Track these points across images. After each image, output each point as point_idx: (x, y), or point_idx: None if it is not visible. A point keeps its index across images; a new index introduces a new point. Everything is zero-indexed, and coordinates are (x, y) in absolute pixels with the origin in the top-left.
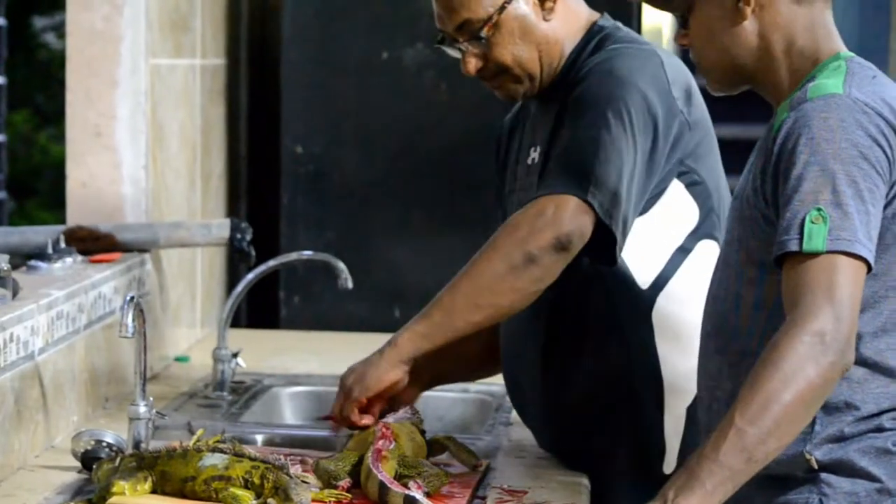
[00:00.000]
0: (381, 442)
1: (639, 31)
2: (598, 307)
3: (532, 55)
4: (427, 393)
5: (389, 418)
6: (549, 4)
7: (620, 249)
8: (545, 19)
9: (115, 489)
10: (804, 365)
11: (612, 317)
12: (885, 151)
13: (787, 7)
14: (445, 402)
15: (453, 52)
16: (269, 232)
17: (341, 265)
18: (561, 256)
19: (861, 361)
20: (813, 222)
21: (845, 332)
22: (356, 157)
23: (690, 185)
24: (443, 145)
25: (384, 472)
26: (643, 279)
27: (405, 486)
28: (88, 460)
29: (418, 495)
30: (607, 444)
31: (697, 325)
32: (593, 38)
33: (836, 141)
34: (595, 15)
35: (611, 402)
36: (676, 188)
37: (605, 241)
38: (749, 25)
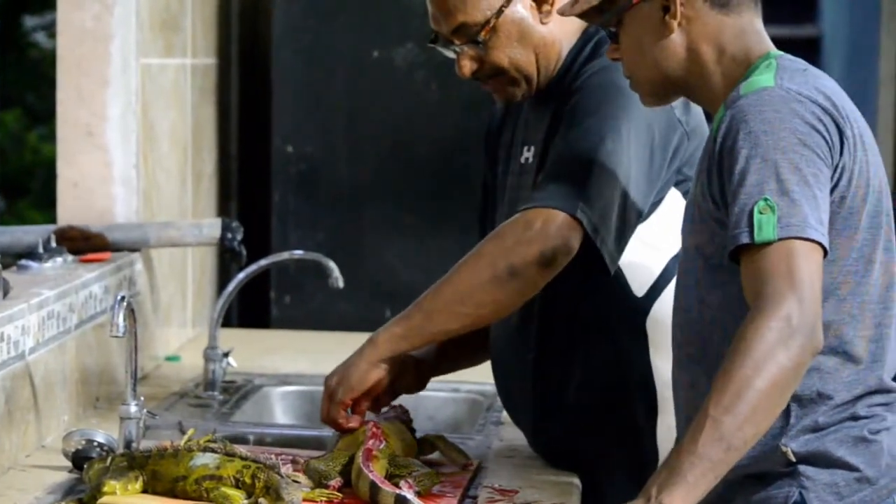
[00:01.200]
0: (371, 442)
1: None
2: (591, 314)
3: (529, 58)
4: (420, 393)
5: (380, 418)
6: (546, 7)
7: (613, 263)
8: (542, 22)
9: (106, 489)
10: (774, 351)
11: (606, 324)
12: (823, 137)
13: (713, 17)
14: (436, 401)
15: (448, 53)
16: (260, 231)
17: (332, 265)
18: (545, 271)
19: (830, 350)
20: (761, 213)
21: (811, 315)
22: (347, 156)
23: (687, 193)
24: (434, 144)
25: (375, 472)
26: (638, 287)
27: (396, 485)
28: (79, 460)
29: (409, 495)
30: (599, 450)
31: None
32: (590, 40)
33: (775, 132)
34: None
35: (603, 409)
36: (674, 197)
37: (598, 254)
38: (677, 38)
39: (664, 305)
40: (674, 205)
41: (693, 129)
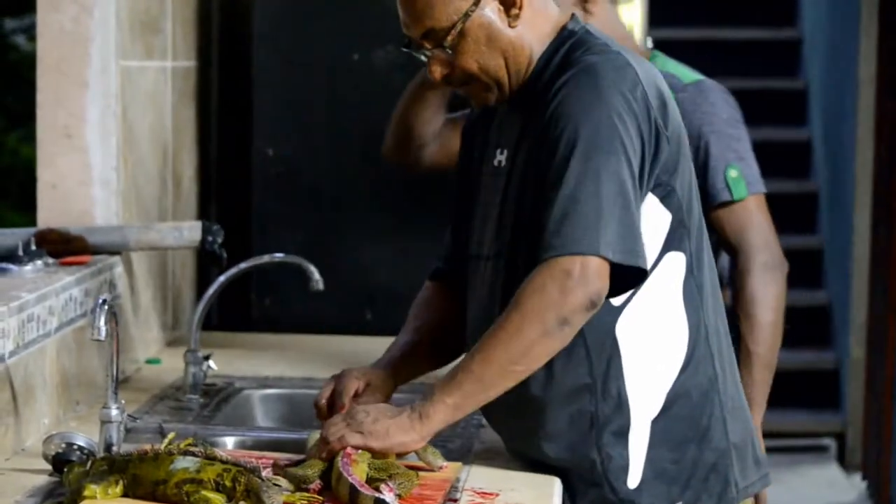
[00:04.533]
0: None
1: None
2: None
3: (498, 62)
4: (398, 395)
5: None
6: (514, 11)
7: (646, 264)
8: (511, 26)
9: (86, 492)
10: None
11: (581, 335)
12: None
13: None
14: None
15: (420, 58)
16: (241, 234)
17: (312, 267)
18: (591, 314)
19: None
20: None
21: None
22: (327, 158)
23: (664, 198)
24: None
25: (355, 476)
26: (617, 297)
27: (376, 489)
28: (59, 463)
29: (388, 498)
30: (569, 455)
31: (660, 339)
32: (564, 43)
33: None
34: (565, 17)
35: (574, 413)
36: (651, 201)
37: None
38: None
39: (634, 311)
40: (651, 210)
41: (671, 132)
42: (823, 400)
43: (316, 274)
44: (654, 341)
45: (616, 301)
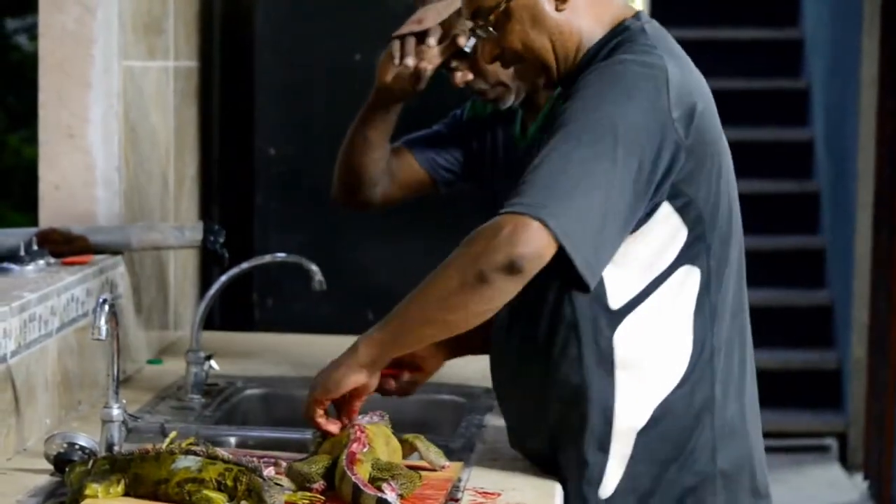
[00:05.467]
0: (355, 445)
1: None
2: (566, 320)
3: (544, 44)
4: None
5: (364, 421)
6: None
7: (591, 273)
8: (557, 9)
9: (87, 492)
10: None
11: (577, 332)
12: None
13: None
14: (418, 404)
15: (473, 41)
16: (242, 234)
17: (314, 267)
18: (514, 278)
19: None
20: None
21: None
22: (329, 158)
23: (682, 209)
24: None
25: (358, 475)
26: (616, 299)
27: (379, 488)
28: (61, 463)
29: (391, 497)
30: (551, 453)
31: (659, 353)
32: (616, 37)
33: None
34: (629, 12)
35: (564, 412)
36: (666, 211)
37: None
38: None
39: (636, 321)
40: (665, 220)
41: (695, 144)
42: (825, 400)
43: (318, 274)
44: (651, 354)
45: (614, 305)
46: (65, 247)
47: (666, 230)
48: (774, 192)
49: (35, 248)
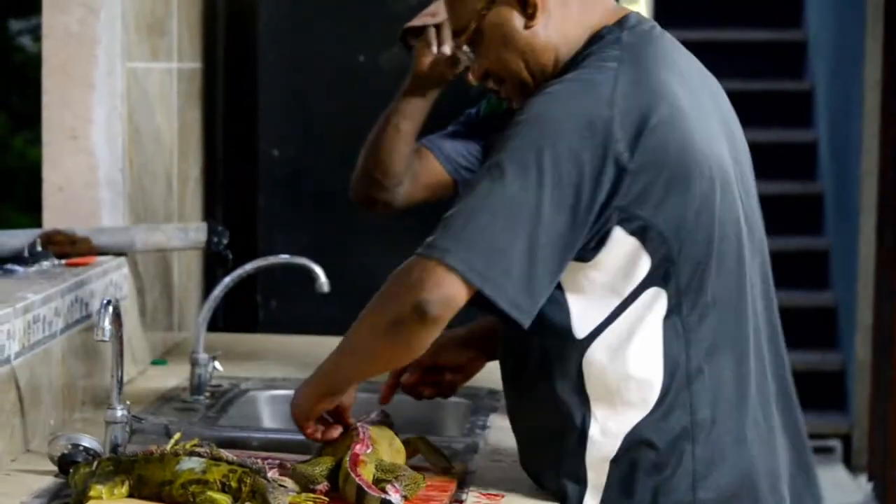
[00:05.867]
0: (359, 446)
1: None
2: (537, 352)
3: (517, 63)
4: (402, 396)
5: (367, 422)
6: (530, 11)
7: (521, 312)
8: (526, 27)
9: (92, 493)
10: None
11: (548, 363)
12: None
13: None
14: (422, 405)
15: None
16: (246, 235)
17: (318, 269)
18: (425, 324)
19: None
20: None
21: None
22: (333, 160)
23: (638, 233)
24: None
25: (362, 476)
26: (581, 328)
27: (382, 490)
28: (65, 464)
29: (395, 499)
30: (537, 473)
31: (626, 378)
32: (587, 49)
33: None
34: (614, 16)
35: (548, 436)
36: (618, 236)
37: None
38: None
39: (603, 347)
40: (620, 244)
41: (644, 164)
42: (829, 401)
43: (322, 276)
44: (621, 380)
45: (579, 333)
46: (69, 248)
47: (622, 255)
48: (778, 193)
49: (39, 249)
